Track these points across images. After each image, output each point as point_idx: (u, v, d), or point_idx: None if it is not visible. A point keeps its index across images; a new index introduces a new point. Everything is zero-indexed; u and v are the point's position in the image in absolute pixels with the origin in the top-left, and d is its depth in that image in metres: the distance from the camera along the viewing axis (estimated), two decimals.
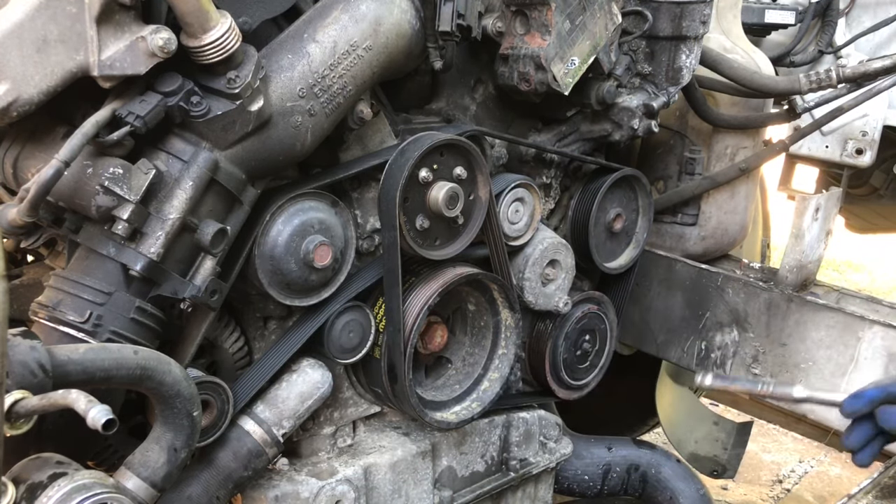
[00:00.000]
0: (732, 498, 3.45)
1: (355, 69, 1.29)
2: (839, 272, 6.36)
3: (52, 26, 1.04)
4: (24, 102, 1.05)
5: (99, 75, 1.08)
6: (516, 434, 1.81)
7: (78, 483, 0.97)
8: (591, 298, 1.87)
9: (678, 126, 2.10)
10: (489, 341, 1.66)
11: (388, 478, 1.57)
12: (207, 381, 1.27)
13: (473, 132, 1.55)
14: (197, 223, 1.18)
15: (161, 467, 1.11)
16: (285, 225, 1.30)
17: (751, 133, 2.13)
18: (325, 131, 1.31)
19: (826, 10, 2.58)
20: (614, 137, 1.77)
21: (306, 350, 1.42)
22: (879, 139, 2.51)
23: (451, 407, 1.61)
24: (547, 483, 1.94)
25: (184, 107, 1.14)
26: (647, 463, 2.10)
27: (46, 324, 1.12)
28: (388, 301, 1.44)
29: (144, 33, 1.07)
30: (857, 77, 1.91)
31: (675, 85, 1.77)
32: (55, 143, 1.15)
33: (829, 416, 2.03)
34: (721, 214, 2.16)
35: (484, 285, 1.60)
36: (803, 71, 2.36)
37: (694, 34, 1.73)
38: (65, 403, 0.93)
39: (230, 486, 1.33)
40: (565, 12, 1.49)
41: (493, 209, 1.53)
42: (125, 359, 1.02)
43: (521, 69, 1.53)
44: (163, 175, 1.16)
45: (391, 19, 1.32)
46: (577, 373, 1.88)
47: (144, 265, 1.13)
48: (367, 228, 1.50)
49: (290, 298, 1.34)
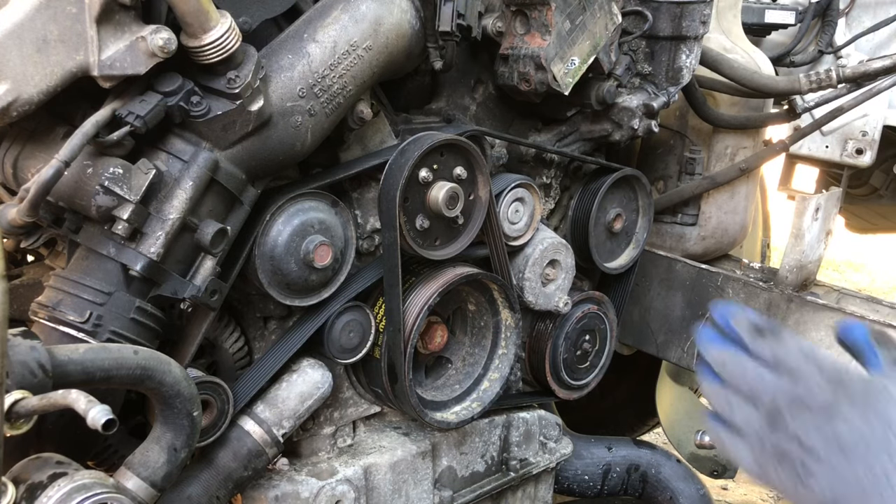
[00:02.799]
0: (732, 498, 3.45)
1: (355, 69, 1.29)
2: (839, 272, 6.36)
3: (52, 26, 1.04)
4: (24, 102, 1.05)
5: (99, 75, 1.08)
6: (516, 434, 1.81)
7: (78, 483, 0.97)
8: (591, 298, 1.87)
9: (678, 126, 2.10)
10: (489, 341, 1.66)
11: (388, 478, 1.57)
12: (207, 381, 1.27)
13: (473, 132, 1.55)
14: (197, 223, 1.18)
15: (161, 467, 1.12)
16: (285, 225, 1.30)
17: (751, 133, 2.13)
18: (325, 131, 1.31)
19: (826, 10, 2.58)
20: (614, 137, 1.77)
21: (306, 350, 1.42)
22: (879, 139, 2.51)
23: (451, 407, 1.62)
24: (547, 483, 1.94)
25: (184, 107, 1.14)
26: (647, 463, 2.10)
27: (46, 324, 1.12)
28: (388, 301, 1.44)
29: (144, 33, 1.07)
30: (857, 77, 1.91)
31: (675, 85, 1.77)
32: (55, 143, 1.15)
33: None
34: (721, 214, 2.16)
35: (484, 285, 1.60)
36: (803, 71, 2.37)
37: (694, 34, 1.73)
38: (65, 403, 0.93)
39: (230, 486, 1.32)
40: (565, 12, 1.49)
41: (493, 209, 1.53)
42: (125, 359, 1.02)
43: (521, 69, 1.53)
44: (163, 175, 1.16)
45: (391, 19, 1.32)
46: (577, 373, 1.88)
47: (144, 265, 1.13)
48: (367, 228, 1.50)
49: (290, 298, 1.34)
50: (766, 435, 0.87)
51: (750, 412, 0.89)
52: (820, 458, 0.81)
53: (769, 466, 0.86)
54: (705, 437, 1.57)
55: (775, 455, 0.85)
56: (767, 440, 0.87)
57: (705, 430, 1.60)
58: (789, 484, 0.84)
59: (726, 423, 0.91)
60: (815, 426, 0.82)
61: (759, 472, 0.88)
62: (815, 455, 0.81)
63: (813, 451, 0.81)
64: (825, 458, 0.81)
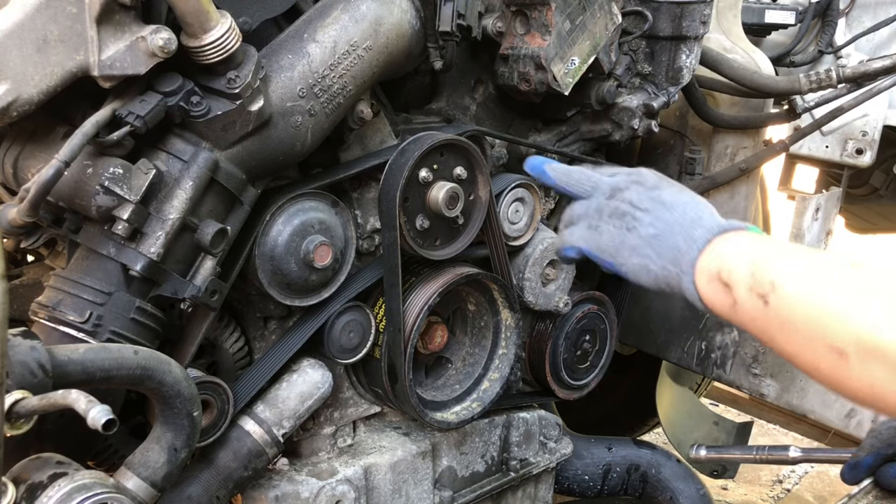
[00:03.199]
0: (732, 498, 3.45)
1: (355, 69, 1.29)
2: None
3: (52, 26, 1.04)
4: (24, 102, 1.05)
5: (99, 75, 1.08)
6: (516, 434, 1.81)
7: (78, 483, 0.97)
8: (592, 298, 1.87)
9: (678, 126, 2.10)
10: (489, 341, 1.66)
11: (389, 478, 1.57)
12: (207, 381, 1.27)
13: (473, 132, 1.55)
14: (197, 223, 1.18)
15: (161, 467, 1.11)
16: (285, 225, 1.30)
17: (751, 133, 2.13)
18: (325, 131, 1.31)
19: (826, 10, 2.57)
20: (614, 137, 1.77)
21: (306, 350, 1.42)
22: (879, 139, 2.51)
23: (451, 407, 1.61)
24: (547, 483, 1.94)
25: (184, 107, 1.14)
26: (647, 463, 2.10)
27: (46, 324, 1.12)
28: (389, 301, 1.44)
29: (144, 33, 1.07)
30: (857, 77, 1.91)
31: (675, 85, 1.77)
32: (55, 143, 1.15)
33: (829, 416, 2.03)
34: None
35: (484, 285, 1.60)
36: (803, 71, 2.36)
37: (694, 34, 1.73)
38: (65, 403, 0.93)
39: (230, 486, 1.32)
40: (565, 12, 1.49)
41: (493, 209, 1.53)
42: (125, 359, 1.02)
43: (521, 69, 1.53)
44: (163, 175, 1.16)
45: (391, 19, 1.32)
46: (577, 373, 1.88)
47: (144, 265, 1.13)
48: (368, 228, 1.50)
49: (290, 298, 1.34)
50: (605, 203, 1.13)
51: (589, 201, 1.16)
52: (647, 210, 1.08)
53: (602, 224, 1.11)
54: (701, 451, 1.60)
55: (610, 214, 1.11)
56: (606, 206, 1.12)
57: (699, 444, 1.63)
58: (616, 234, 1.10)
59: (563, 224, 1.19)
60: (646, 194, 1.10)
61: (587, 238, 1.13)
62: (644, 209, 1.08)
63: (641, 206, 1.08)
64: (651, 209, 1.07)
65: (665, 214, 1.06)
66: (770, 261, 0.93)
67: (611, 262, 1.11)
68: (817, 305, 0.85)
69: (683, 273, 1.02)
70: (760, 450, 1.54)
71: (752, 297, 0.93)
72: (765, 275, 0.92)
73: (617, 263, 1.10)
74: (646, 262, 1.06)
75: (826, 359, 0.84)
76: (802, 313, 0.87)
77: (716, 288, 0.98)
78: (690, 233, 1.03)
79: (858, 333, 0.80)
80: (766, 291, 0.91)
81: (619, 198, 1.12)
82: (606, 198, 1.13)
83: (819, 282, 0.87)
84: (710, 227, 1.03)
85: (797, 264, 0.91)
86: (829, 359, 0.83)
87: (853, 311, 0.82)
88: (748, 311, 0.94)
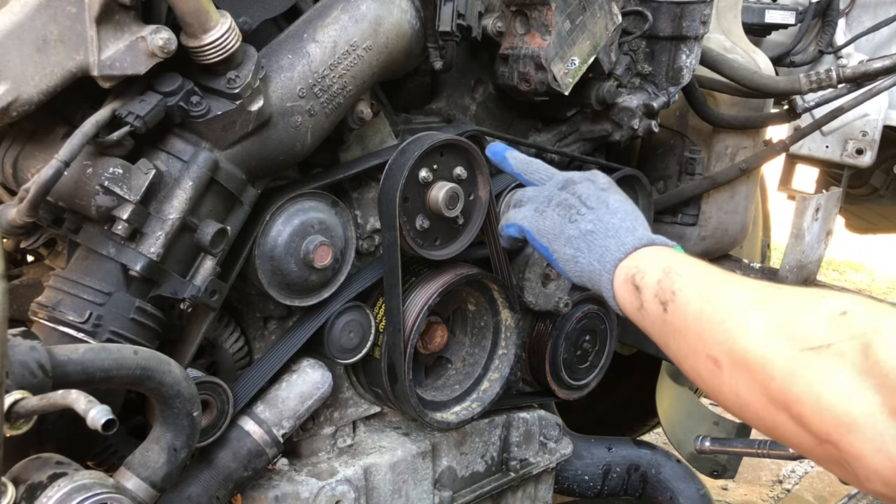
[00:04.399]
0: (732, 498, 3.46)
1: (355, 69, 1.29)
2: (839, 272, 6.36)
3: (52, 26, 1.04)
4: (24, 102, 1.05)
5: (99, 75, 1.07)
6: (516, 434, 1.81)
7: (78, 483, 0.97)
8: (592, 298, 1.87)
9: (678, 126, 2.10)
10: (489, 341, 1.66)
11: (388, 478, 1.57)
12: (207, 381, 1.27)
13: (473, 132, 1.55)
14: (197, 223, 1.18)
15: (161, 467, 1.11)
16: (285, 225, 1.30)
17: (751, 133, 2.13)
18: (325, 131, 1.31)
19: (826, 10, 2.57)
20: (614, 137, 1.77)
21: (306, 350, 1.42)
22: (879, 139, 2.51)
23: (451, 407, 1.61)
24: (547, 483, 1.94)
25: (184, 107, 1.13)
26: (647, 463, 2.10)
27: (46, 324, 1.12)
28: (388, 301, 1.44)
29: (144, 33, 1.07)
30: (857, 77, 1.90)
31: (675, 85, 1.77)
32: (55, 143, 1.15)
33: None
34: (721, 214, 2.15)
35: (484, 285, 1.60)
36: (803, 71, 2.36)
37: (694, 34, 1.73)
38: (65, 403, 0.93)
39: (230, 486, 1.32)
40: (565, 12, 1.49)
41: (493, 209, 1.53)
42: (125, 359, 1.02)
43: (521, 69, 1.53)
44: (163, 175, 1.16)
45: (391, 19, 1.32)
46: (577, 373, 1.88)
47: (144, 265, 1.13)
48: (367, 228, 1.50)
49: (290, 298, 1.34)
50: (556, 193, 1.23)
51: (541, 188, 1.26)
52: (591, 208, 1.18)
53: (548, 210, 1.21)
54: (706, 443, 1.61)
55: (558, 203, 1.20)
56: (556, 196, 1.22)
57: (704, 436, 1.65)
58: (559, 222, 1.19)
59: (512, 204, 1.29)
60: (595, 193, 1.20)
61: (530, 219, 1.23)
62: (589, 206, 1.18)
63: (588, 203, 1.18)
64: (595, 208, 1.18)
65: (606, 216, 1.16)
66: (677, 272, 1.00)
67: (546, 247, 1.21)
68: (703, 316, 0.92)
69: (605, 271, 1.11)
70: (763, 444, 1.55)
71: (655, 303, 1.00)
72: (669, 284, 0.99)
73: (551, 249, 1.20)
74: (577, 254, 1.16)
75: (705, 366, 0.90)
76: (691, 322, 0.94)
77: (628, 289, 1.07)
78: (622, 238, 1.12)
79: (731, 345, 0.86)
80: (666, 299, 0.98)
81: (570, 190, 1.22)
82: (559, 188, 1.24)
83: (710, 295, 0.94)
84: (640, 237, 1.13)
85: (698, 279, 0.98)
86: (707, 367, 0.90)
87: (731, 324, 0.88)
88: (650, 315, 1.02)
